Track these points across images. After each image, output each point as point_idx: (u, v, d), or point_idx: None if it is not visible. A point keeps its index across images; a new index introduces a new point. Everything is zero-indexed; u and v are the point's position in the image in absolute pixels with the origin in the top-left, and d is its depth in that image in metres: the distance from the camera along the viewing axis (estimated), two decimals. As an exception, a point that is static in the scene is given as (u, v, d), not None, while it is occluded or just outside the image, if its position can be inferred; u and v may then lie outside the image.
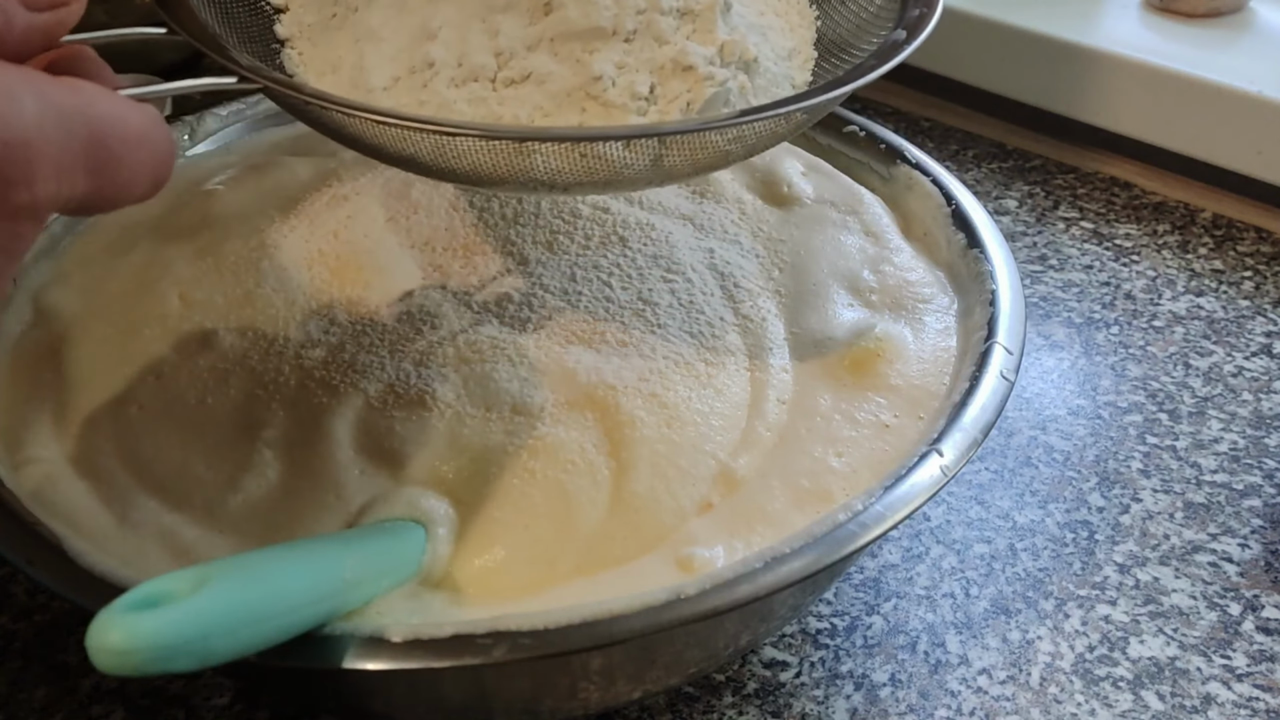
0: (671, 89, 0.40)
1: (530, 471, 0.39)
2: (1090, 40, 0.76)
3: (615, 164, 0.38)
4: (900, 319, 0.47)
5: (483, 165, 0.37)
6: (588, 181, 0.39)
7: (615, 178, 0.39)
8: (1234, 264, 0.68)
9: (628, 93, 0.39)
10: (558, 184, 0.39)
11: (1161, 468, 0.55)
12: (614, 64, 0.40)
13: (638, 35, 0.40)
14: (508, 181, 0.39)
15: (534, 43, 0.40)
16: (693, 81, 0.40)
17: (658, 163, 0.39)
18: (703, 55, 0.40)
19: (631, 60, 0.40)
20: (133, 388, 0.43)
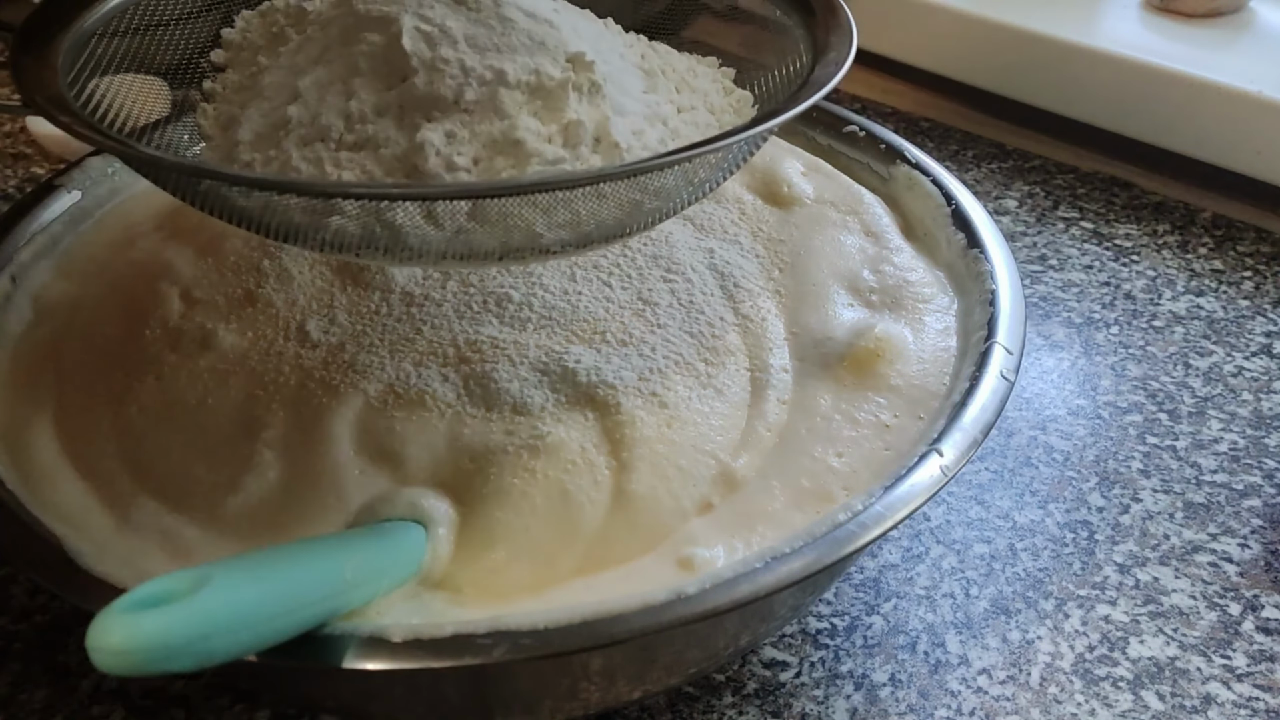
0: (497, 164, 0.39)
1: (530, 471, 0.39)
2: (1090, 40, 0.76)
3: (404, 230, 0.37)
4: (900, 319, 0.47)
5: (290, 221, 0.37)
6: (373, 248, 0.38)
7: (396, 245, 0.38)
8: (1234, 264, 0.68)
9: (445, 163, 0.38)
10: (345, 246, 0.38)
11: (1161, 468, 0.55)
12: (444, 134, 0.39)
13: (479, 107, 0.39)
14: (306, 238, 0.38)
15: (384, 108, 0.39)
16: (519, 158, 0.39)
17: (460, 234, 0.37)
18: (537, 131, 0.39)
19: (465, 132, 0.39)
20: (133, 388, 0.43)
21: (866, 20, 0.83)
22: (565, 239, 0.38)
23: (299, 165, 0.39)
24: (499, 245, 0.38)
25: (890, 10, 0.83)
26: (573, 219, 0.38)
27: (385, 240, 0.37)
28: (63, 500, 0.39)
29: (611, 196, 0.38)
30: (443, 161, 0.38)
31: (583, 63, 0.41)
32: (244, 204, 0.38)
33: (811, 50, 0.45)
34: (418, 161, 0.38)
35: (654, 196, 0.39)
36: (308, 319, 0.45)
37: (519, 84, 0.40)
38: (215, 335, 0.44)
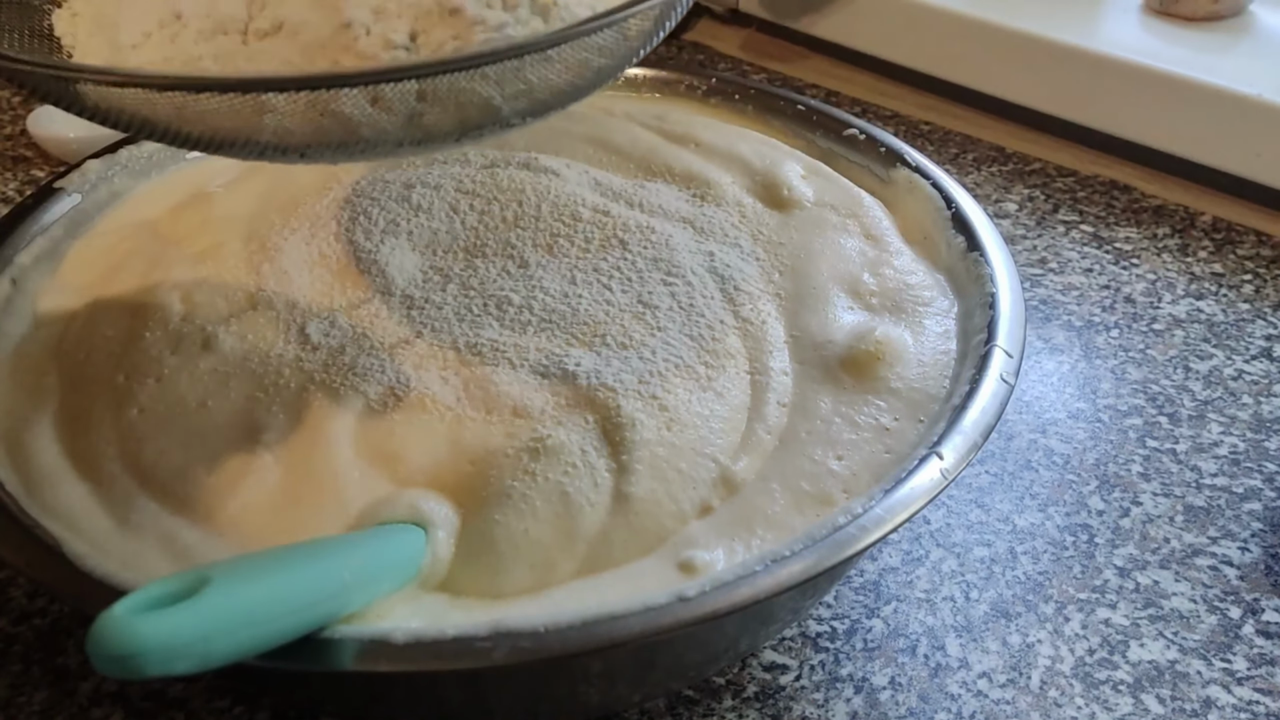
0: (436, 36, 0.36)
1: (530, 474, 0.39)
2: (1090, 44, 0.76)
3: (354, 120, 0.35)
4: (900, 322, 0.47)
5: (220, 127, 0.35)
6: (323, 143, 0.36)
7: (351, 138, 0.35)
8: (1234, 267, 0.68)
9: (381, 41, 0.35)
10: (290, 146, 0.36)
11: (1161, 471, 0.54)
12: (371, 9, 0.36)
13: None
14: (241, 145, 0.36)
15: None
16: (461, 26, 0.36)
17: (415, 119, 0.35)
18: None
19: (392, 5, 0.36)
20: (134, 391, 0.43)
21: (867, 24, 0.84)
22: (521, 108, 0.37)
23: (208, 65, 0.36)
24: (455, 125, 0.36)
25: (890, 14, 0.83)
26: (525, 88, 0.36)
27: (336, 135, 0.35)
28: (63, 502, 0.39)
29: (559, 59, 0.36)
30: (378, 40, 0.35)
31: None
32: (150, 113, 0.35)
33: None
34: (347, 42, 0.35)
35: (599, 54, 0.38)
36: (308, 322, 0.45)
37: None
38: (215, 338, 0.45)
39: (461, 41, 0.35)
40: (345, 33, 0.35)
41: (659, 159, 0.55)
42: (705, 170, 0.54)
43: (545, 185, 0.52)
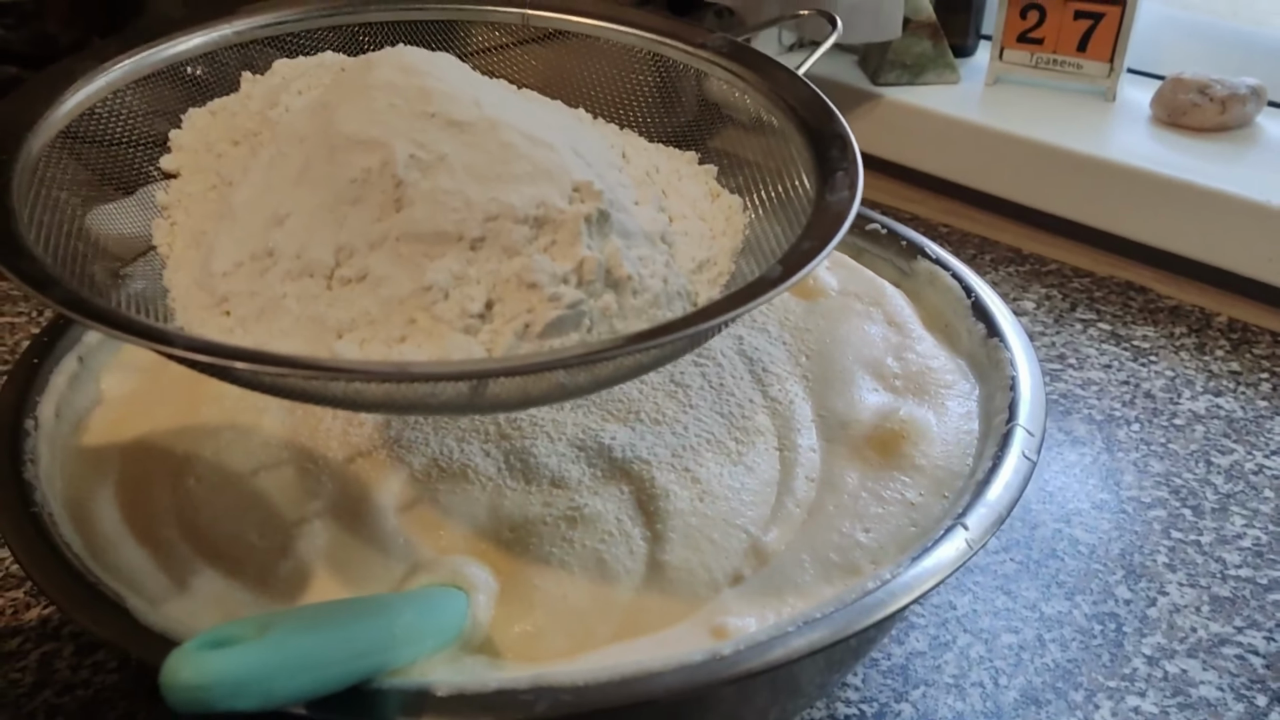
0: (511, 307, 0.36)
1: (568, 541, 0.41)
2: (1102, 152, 0.79)
3: (421, 391, 0.35)
4: (924, 403, 0.49)
5: (293, 385, 0.36)
6: (391, 405, 0.37)
7: (421, 404, 0.36)
8: (1251, 366, 0.70)
9: (458, 308, 0.36)
10: (361, 404, 0.37)
11: (1187, 562, 0.55)
12: (452, 274, 0.36)
13: (485, 244, 0.37)
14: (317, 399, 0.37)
15: (378, 240, 0.37)
16: (536, 300, 0.36)
17: (477, 392, 0.35)
18: (551, 272, 0.37)
19: (473, 271, 0.36)
20: (191, 462, 0.45)
21: (888, 132, 0.88)
22: (584, 385, 0.37)
23: (290, 305, 0.37)
24: (520, 399, 0.37)
25: (911, 123, 0.87)
26: (592, 376, 0.37)
27: (402, 404, 0.36)
28: (124, 566, 0.40)
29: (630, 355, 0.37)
30: (455, 306, 0.36)
31: (590, 191, 0.39)
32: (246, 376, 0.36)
33: (809, 152, 0.44)
34: (425, 304, 0.36)
35: (660, 349, 0.37)
36: (356, 400, 0.47)
37: (526, 218, 0.37)
38: (267, 413, 0.47)
39: (535, 316, 0.36)
40: (424, 294, 0.36)
41: (690, 253, 0.58)
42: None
43: (582, 274, 0.54)
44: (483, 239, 0.37)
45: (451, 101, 0.40)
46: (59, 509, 0.42)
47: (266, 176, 0.41)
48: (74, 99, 0.44)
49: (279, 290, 0.37)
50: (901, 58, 0.89)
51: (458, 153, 0.38)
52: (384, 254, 0.37)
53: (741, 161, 0.48)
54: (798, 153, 0.45)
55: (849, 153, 0.43)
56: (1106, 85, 0.87)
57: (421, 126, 0.38)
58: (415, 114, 0.39)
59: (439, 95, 0.40)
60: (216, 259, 0.39)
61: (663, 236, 0.42)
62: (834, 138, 0.44)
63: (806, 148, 0.44)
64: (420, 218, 0.37)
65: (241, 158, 0.44)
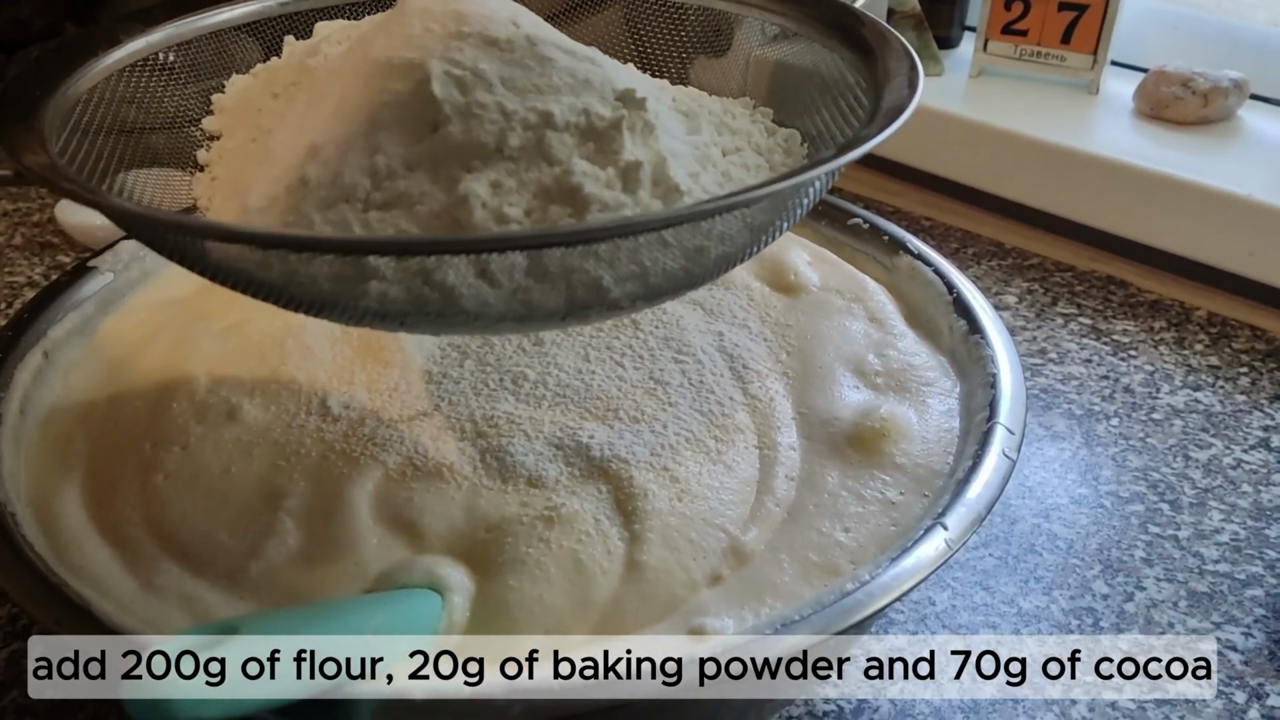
0: (553, 214, 0.35)
1: (545, 541, 0.40)
2: (1085, 145, 0.79)
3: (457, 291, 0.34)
4: (904, 401, 0.49)
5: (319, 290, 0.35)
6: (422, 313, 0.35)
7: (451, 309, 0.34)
8: (1230, 360, 0.70)
9: (494, 217, 0.35)
10: (390, 314, 0.35)
11: (1164, 557, 0.55)
12: (488, 184, 0.35)
13: (525, 154, 0.36)
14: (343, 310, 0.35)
15: (415, 162, 0.36)
16: (577, 205, 0.35)
17: (518, 295, 0.34)
18: (595, 176, 0.36)
19: (513, 181, 0.36)
20: (160, 458, 0.44)
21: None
22: (633, 291, 0.35)
23: (323, 230, 0.36)
24: (562, 303, 0.35)
25: (891, 116, 0.87)
26: (638, 270, 0.35)
27: (436, 304, 0.34)
28: (89, 564, 0.40)
29: (676, 243, 0.35)
30: (490, 214, 0.35)
31: (634, 99, 0.38)
32: (263, 274, 0.35)
33: (869, 81, 0.42)
34: (461, 215, 0.35)
35: (719, 242, 0.36)
36: (329, 394, 0.47)
37: (567, 125, 0.36)
38: (240, 409, 0.46)
39: (575, 220, 0.35)
40: (461, 206, 0.35)
41: (670, 245, 0.57)
42: (715, 256, 0.56)
43: (560, 268, 0.54)
44: (522, 148, 0.36)
45: (488, 21, 0.38)
46: (23, 508, 0.41)
47: (303, 116, 0.40)
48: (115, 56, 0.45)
49: (314, 219, 0.36)
50: (884, 48, 0.88)
51: (494, 69, 0.37)
52: (421, 174, 0.36)
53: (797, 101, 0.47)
54: (854, 76, 0.43)
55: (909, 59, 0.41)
56: (1090, 78, 0.87)
57: (457, 46, 0.38)
58: (450, 34, 0.38)
59: (474, 16, 0.39)
60: (253, 197, 0.38)
61: (714, 162, 0.41)
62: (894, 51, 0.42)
63: (862, 67, 0.42)
64: (456, 133, 0.36)
65: (279, 108, 0.44)
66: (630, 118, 0.37)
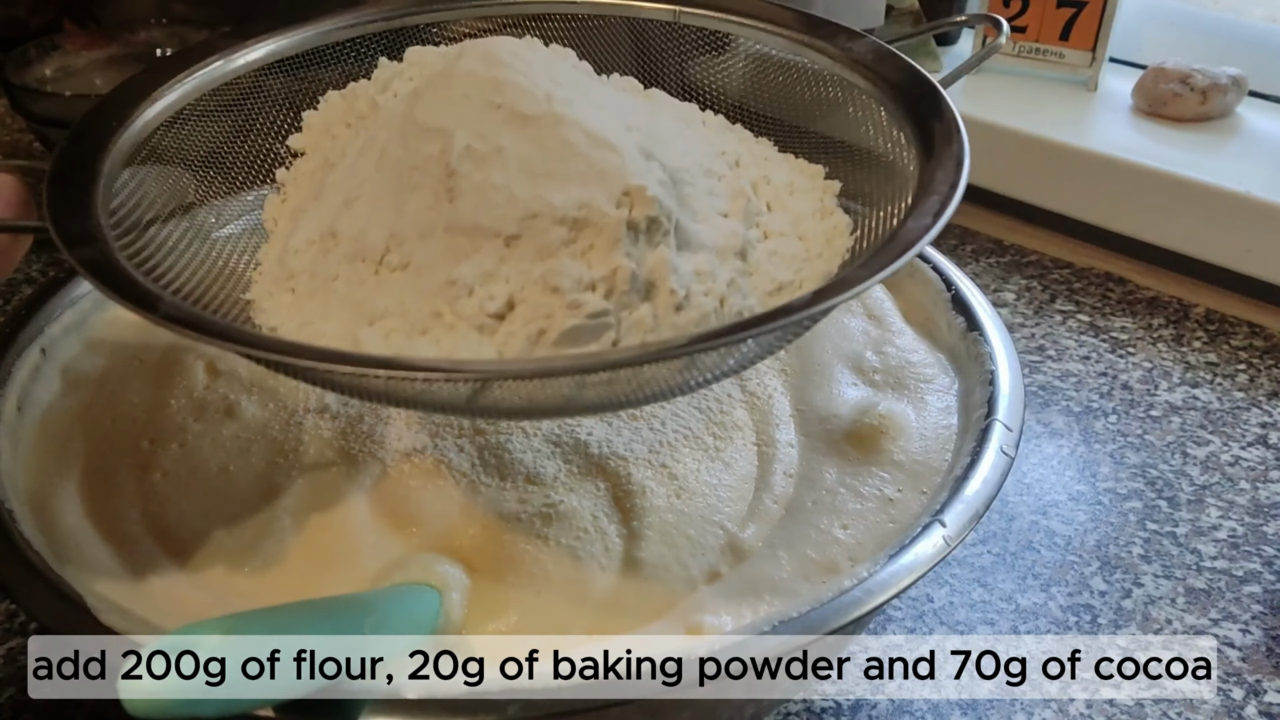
0: (531, 310, 0.35)
1: (543, 538, 0.40)
2: (1082, 142, 0.79)
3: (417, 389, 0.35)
4: (903, 398, 0.49)
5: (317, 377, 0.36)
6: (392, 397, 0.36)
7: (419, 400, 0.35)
8: (1228, 357, 0.70)
9: (477, 307, 0.35)
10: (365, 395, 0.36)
11: (1162, 554, 0.55)
12: (481, 270, 0.36)
13: (520, 242, 0.36)
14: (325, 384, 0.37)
15: (427, 230, 0.37)
16: (556, 306, 0.35)
17: (475, 399, 0.34)
18: (575, 277, 0.35)
19: (504, 270, 0.36)
20: (157, 455, 0.44)
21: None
22: (593, 401, 0.35)
23: (338, 287, 0.38)
24: (524, 407, 0.35)
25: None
26: (609, 392, 0.34)
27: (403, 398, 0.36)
28: (86, 562, 0.40)
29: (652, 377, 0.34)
30: (475, 304, 0.35)
31: (642, 197, 0.37)
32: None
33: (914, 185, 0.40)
34: (449, 298, 0.36)
35: (701, 371, 0.36)
36: (326, 391, 0.46)
37: (565, 219, 0.36)
38: (238, 406, 0.46)
39: (551, 323, 0.35)
40: (450, 289, 0.36)
41: (669, 242, 0.57)
42: (713, 253, 0.56)
43: (559, 266, 0.54)
44: (518, 237, 0.36)
45: (522, 94, 0.38)
46: (20, 505, 0.41)
47: (355, 160, 0.41)
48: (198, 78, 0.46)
49: (333, 271, 0.38)
50: (883, 45, 0.88)
51: (515, 146, 0.37)
52: (430, 244, 0.37)
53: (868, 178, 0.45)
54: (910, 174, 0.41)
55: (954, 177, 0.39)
56: (1088, 75, 0.87)
57: (488, 118, 0.38)
58: (484, 104, 0.38)
59: (511, 87, 0.39)
60: (296, 236, 0.40)
61: (743, 253, 0.40)
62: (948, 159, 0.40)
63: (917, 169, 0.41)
64: (465, 210, 0.36)
65: (347, 140, 0.44)
66: (633, 217, 0.36)
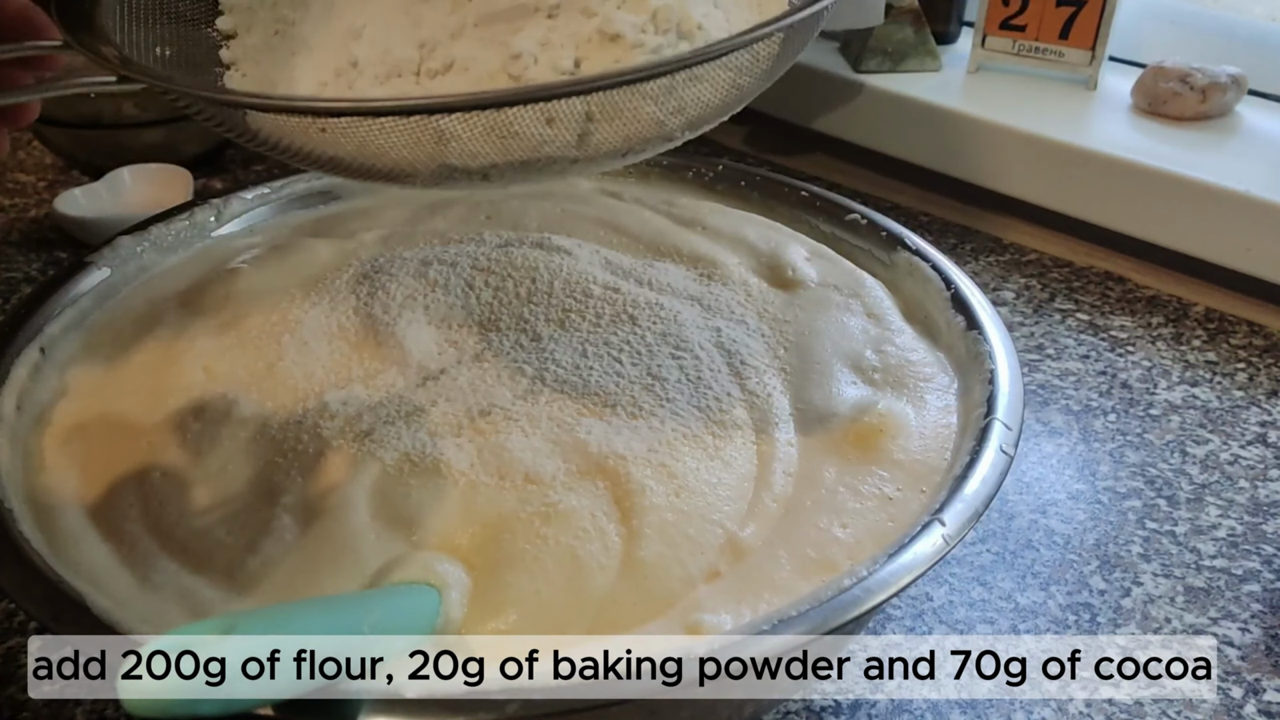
0: (598, 61, 0.38)
1: (542, 538, 0.40)
2: (1082, 141, 0.79)
3: (535, 139, 0.36)
4: (902, 397, 0.49)
5: (402, 156, 0.36)
6: (505, 163, 0.37)
7: (535, 155, 0.37)
8: (1227, 356, 0.70)
9: (550, 68, 0.38)
10: (474, 170, 0.37)
11: (1161, 552, 0.55)
12: (537, 41, 0.38)
13: (562, 9, 0.39)
14: (427, 172, 0.37)
15: (458, 30, 0.39)
16: (621, 50, 0.38)
17: (584, 138, 0.37)
18: (631, 22, 0.38)
19: (556, 36, 0.38)
20: (156, 454, 0.44)
21: (869, 119, 0.87)
22: (680, 123, 0.38)
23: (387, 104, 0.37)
24: (622, 141, 0.38)
25: (890, 110, 0.87)
26: (679, 103, 0.37)
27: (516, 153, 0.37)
28: (86, 561, 0.40)
29: (706, 78, 0.38)
30: (546, 67, 0.38)
31: None
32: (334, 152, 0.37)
33: None
34: (516, 72, 0.38)
35: (740, 73, 0.39)
36: (326, 390, 0.47)
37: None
38: (237, 405, 0.46)
39: (623, 63, 0.38)
40: (515, 63, 0.38)
41: (667, 241, 0.57)
42: (712, 251, 0.56)
43: (558, 264, 0.54)
44: (558, 5, 0.39)
45: None
46: (19, 504, 0.41)
47: (328, 3, 0.42)
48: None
49: (372, 94, 0.38)
50: (883, 45, 0.88)
51: None
52: (466, 40, 0.38)
53: None
54: None
55: None
56: (1088, 73, 0.87)
57: None
58: None
59: None
60: (300, 85, 0.40)
61: (714, 2, 0.43)
62: None
63: None
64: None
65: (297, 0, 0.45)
66: None
